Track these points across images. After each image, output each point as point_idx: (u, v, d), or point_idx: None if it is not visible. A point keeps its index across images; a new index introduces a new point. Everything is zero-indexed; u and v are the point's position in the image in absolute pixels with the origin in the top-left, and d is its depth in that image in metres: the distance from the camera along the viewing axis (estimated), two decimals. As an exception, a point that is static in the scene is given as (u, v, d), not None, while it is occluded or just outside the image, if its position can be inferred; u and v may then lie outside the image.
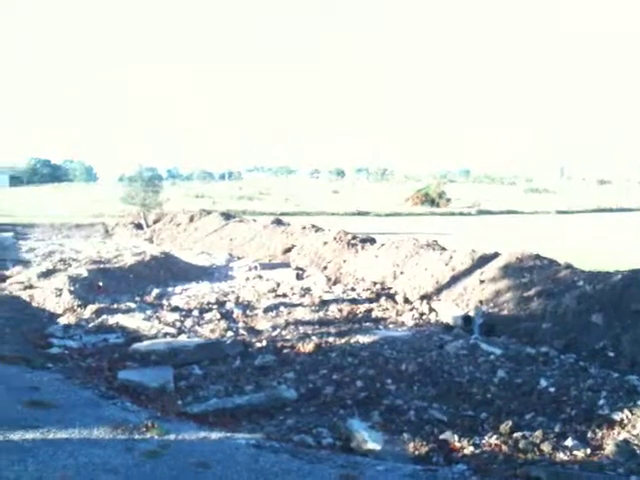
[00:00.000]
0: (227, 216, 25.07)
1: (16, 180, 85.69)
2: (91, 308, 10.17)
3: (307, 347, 8.10)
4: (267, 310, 10.59)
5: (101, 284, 12.06)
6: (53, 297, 10.69)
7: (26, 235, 24.69)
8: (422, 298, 11.36)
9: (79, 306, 10.33)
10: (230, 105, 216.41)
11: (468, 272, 11.47)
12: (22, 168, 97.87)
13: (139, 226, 27.79)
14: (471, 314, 9.86)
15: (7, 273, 13.78)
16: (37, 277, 12.48)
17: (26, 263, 15.82)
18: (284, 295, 12.09)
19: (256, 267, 15.95)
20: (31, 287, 11.62)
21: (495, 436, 5.26)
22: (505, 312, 9.79)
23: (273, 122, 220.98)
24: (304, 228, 19.19)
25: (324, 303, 11.08)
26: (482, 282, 10.90)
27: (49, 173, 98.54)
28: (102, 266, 13.72)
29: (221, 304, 11.15)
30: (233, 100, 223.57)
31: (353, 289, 12.77)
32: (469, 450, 5.04)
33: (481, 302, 10.35)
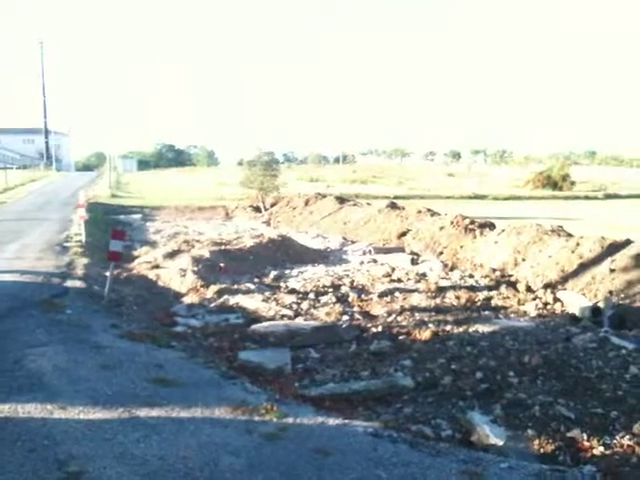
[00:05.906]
0: (341, 200, 25.18)
1: (144, 164, 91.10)
2: (213, 288, 10.55)
3: (423, 334, 7.94)
4: (382, 295, 10.50)
5: (222, 265, 12.48)
6: (178, 277, 11.20)
7: (153, 217, 25.98)
8: (546, 287, 10.84)
9: (202, 286, 10.73)
10: (350, 87, 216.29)
11: (597, 260, 10.82)
12: (149, 153, 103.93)
13: (257, 209, 28.54)
14: (600, 305, 9.29)
15: (135, 253, 14.57)
16: (163, 257, 13.09)
17: (153, 244, 16.60)
18: (399, 280, 11.94)
19: (370, 251, 15.88)
20: (157, 267, 12.20)
21: (628, 436, 4.90)
22: (638, 304, 9.17)
23: (388, 105, 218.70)
24: (419, 212, 18.89)
25: (440, 289, 10.81)
26: (612, 271, 10.25)
27: (174, 158, 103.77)
28: (223, 248, 14.17)
29: (336, 287, 11.18)
30: (347, 82, 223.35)
31: (471, 276, 12.39)
32: (599, 450, 4.74)
33: (611, 293, 9.75)
